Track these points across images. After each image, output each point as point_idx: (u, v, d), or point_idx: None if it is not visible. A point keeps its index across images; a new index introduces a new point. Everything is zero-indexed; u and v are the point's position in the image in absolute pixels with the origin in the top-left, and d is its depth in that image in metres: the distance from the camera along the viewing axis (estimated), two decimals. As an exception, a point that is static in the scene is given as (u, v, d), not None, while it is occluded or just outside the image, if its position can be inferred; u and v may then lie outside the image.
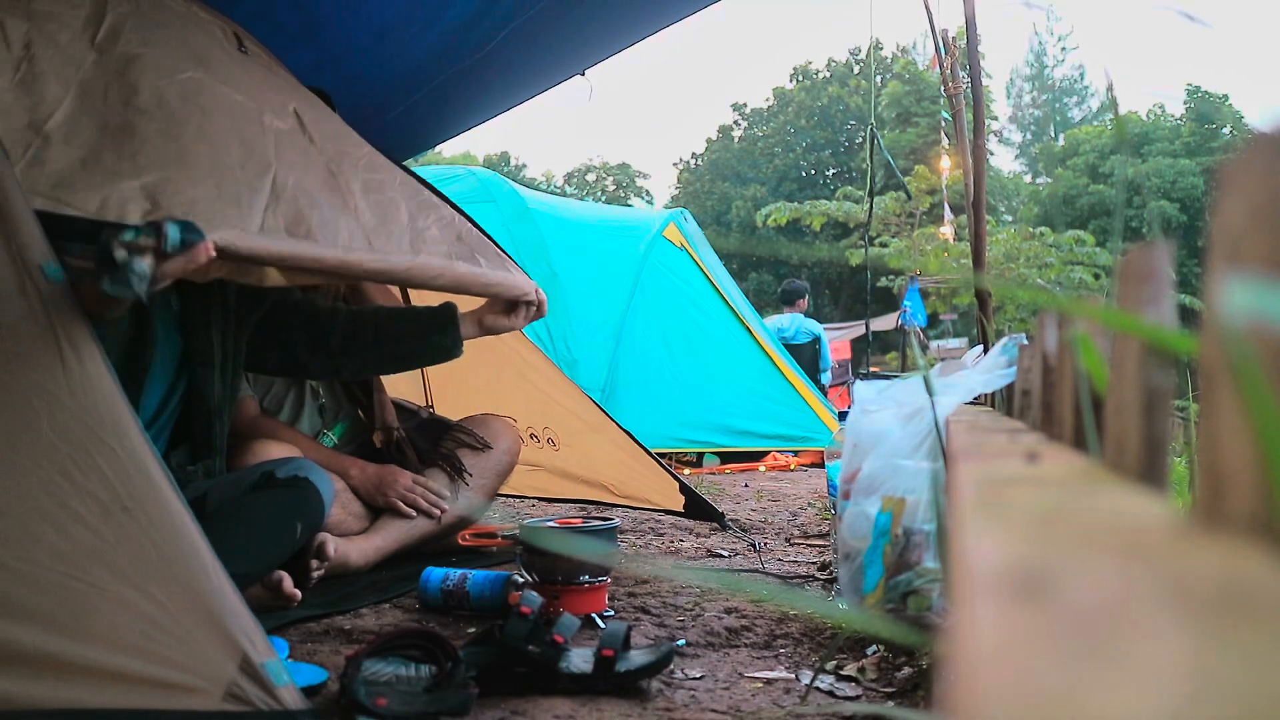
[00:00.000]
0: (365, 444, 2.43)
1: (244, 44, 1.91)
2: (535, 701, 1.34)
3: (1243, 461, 0.33)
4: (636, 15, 2.72)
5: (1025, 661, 0.22)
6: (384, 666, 1.34)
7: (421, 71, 2.76)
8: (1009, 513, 0.41)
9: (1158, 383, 0.54)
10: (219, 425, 1.82)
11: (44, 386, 1.17)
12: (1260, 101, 13.18)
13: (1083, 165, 22.69)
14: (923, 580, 1.46)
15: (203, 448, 1.80)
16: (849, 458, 1.66)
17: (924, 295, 10.10)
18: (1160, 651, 0.22)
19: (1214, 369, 0.35)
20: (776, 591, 2.01)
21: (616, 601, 1.95)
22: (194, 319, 1.79)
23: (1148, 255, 0.56)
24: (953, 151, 6.82)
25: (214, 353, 1.80)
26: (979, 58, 2.72)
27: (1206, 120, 22.66)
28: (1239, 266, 0.33)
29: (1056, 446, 0.79)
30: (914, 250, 14.06)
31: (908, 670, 1.46)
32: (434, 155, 18.02)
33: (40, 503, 1.12)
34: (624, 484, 2.97)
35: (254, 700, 1.08)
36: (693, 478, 4.35)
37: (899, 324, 8.57)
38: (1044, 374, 0.95)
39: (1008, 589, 0.27)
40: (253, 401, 2.23)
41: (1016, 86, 37.85)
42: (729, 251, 22.33)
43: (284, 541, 1.80)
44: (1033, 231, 14.46)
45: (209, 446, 1.81)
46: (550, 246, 5.11)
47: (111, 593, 1.11)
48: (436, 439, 2.46)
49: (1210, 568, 0.30)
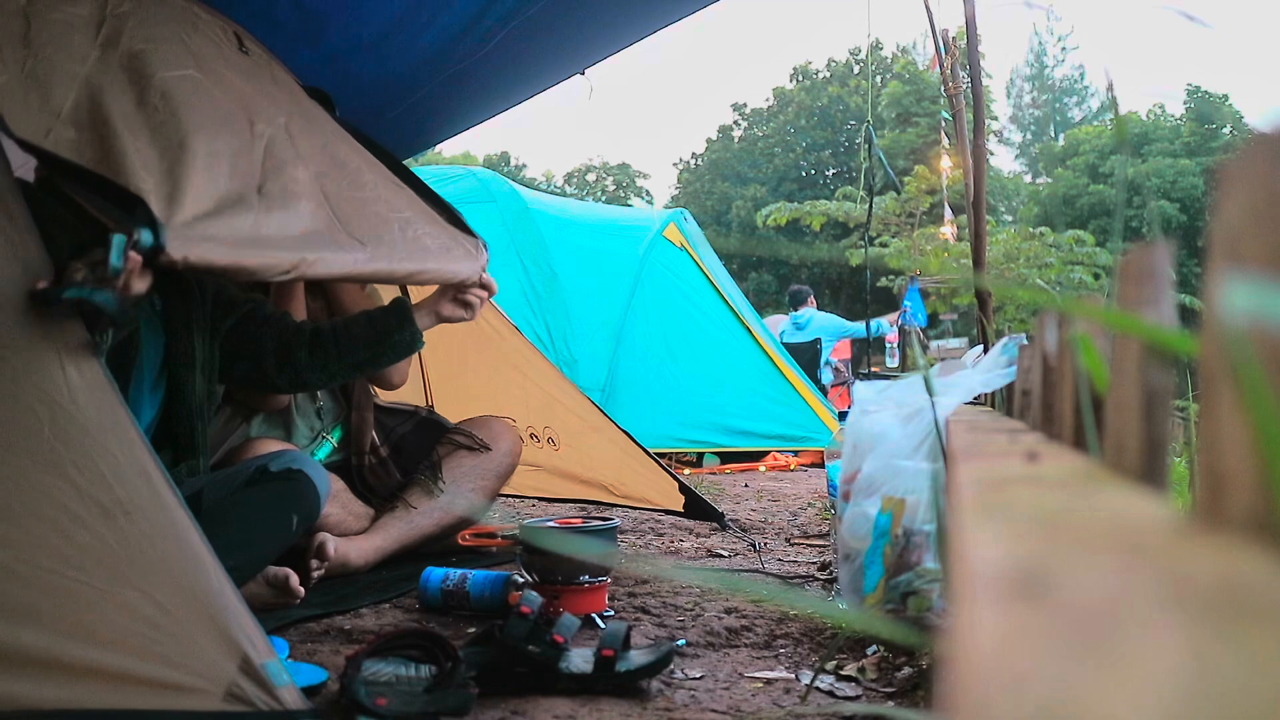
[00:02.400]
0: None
1: (244, 44, 1.91)
2: (535, 701, 1.34)
3: (1243, 461, 0.33)
4: (636, 15, 2.72)
5: (1025, 661, 0.22)
6: (384, 666, 1.34)
7: (421, 71, 2.76)
8: (1009, 513, 0.41)
9: (1158, 383, 0.54)
10: (201, 425, 1.82)
11: (44, 391, 1.17)
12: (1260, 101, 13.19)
13: (1083, 165, 22.69)
14: (923, 581, 1.46)
15: (186, 448, 1.80)
16: (849, 458, 1.66)
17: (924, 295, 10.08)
18: (1160, 651, 0.22)
19: (1214, 369, 0.35)
20: (776, 591, 2.01)
21: (616, 601, 1.95)
22: (175, 319, 1.80)
23: (1148, 255, 0.56)
24: (953, 151, 6.82)
25: (195, 353, 1.81)
26: (979, 58, 2.72)
27: (1206, 120, 22.65)
28: (1239, 266, 0.33)
29: (1056, 446, 0.79)
30: (914, 250, 14.06)
31: (908, 670, 1.46)
32: (434, 155, 18.02)
33: (41, 506, 1.13)
34: (624, 484, 2.97)
35: (254, 700, 1.08)
36: (693, 478, 4.35)
37: (899, 324, 8.56)
38: (1044, 374, 0.95)
39: (1008, 589, 0.27)
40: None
41: (1016, 86, 37.85)
42: (729, 251, 22.33)
43: (280, 535, 1.80)
44: (1033, 231, 14.45)
45: (192, 447, 1.81)
46: (550, 246, 5.11)
47: (112, 594, 1.11)
48: (434, 440, 2.46)
49: (1210, 568, 0.30)
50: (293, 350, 1.95)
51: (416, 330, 2.01)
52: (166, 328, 1.79)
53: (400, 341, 2.00)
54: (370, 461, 2.39)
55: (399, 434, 2.51)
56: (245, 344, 1.93)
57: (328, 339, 1.98)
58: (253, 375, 1.97)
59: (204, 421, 1.84)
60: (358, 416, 2.41)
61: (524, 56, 2.76)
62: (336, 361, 1.98)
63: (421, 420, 2.56)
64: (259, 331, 1.94)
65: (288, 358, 1.95)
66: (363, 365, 2.02)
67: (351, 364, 2.00)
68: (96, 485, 1.15)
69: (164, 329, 1.79)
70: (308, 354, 1.95)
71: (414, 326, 2.00)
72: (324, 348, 1.97)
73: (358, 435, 2.40)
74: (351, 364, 2.00)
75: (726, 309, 5.42)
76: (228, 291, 1.94)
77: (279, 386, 2.01)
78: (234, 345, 1.92)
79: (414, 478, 2.38)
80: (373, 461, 2.40)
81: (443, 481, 2.35)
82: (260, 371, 1.96)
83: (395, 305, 2.05)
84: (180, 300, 1.81)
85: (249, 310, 1.94)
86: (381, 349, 2.00)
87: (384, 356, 2.02)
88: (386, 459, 2.43)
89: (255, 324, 1.94)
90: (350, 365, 2.00)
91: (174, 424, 1.80)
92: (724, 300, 5.43)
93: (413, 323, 2.00)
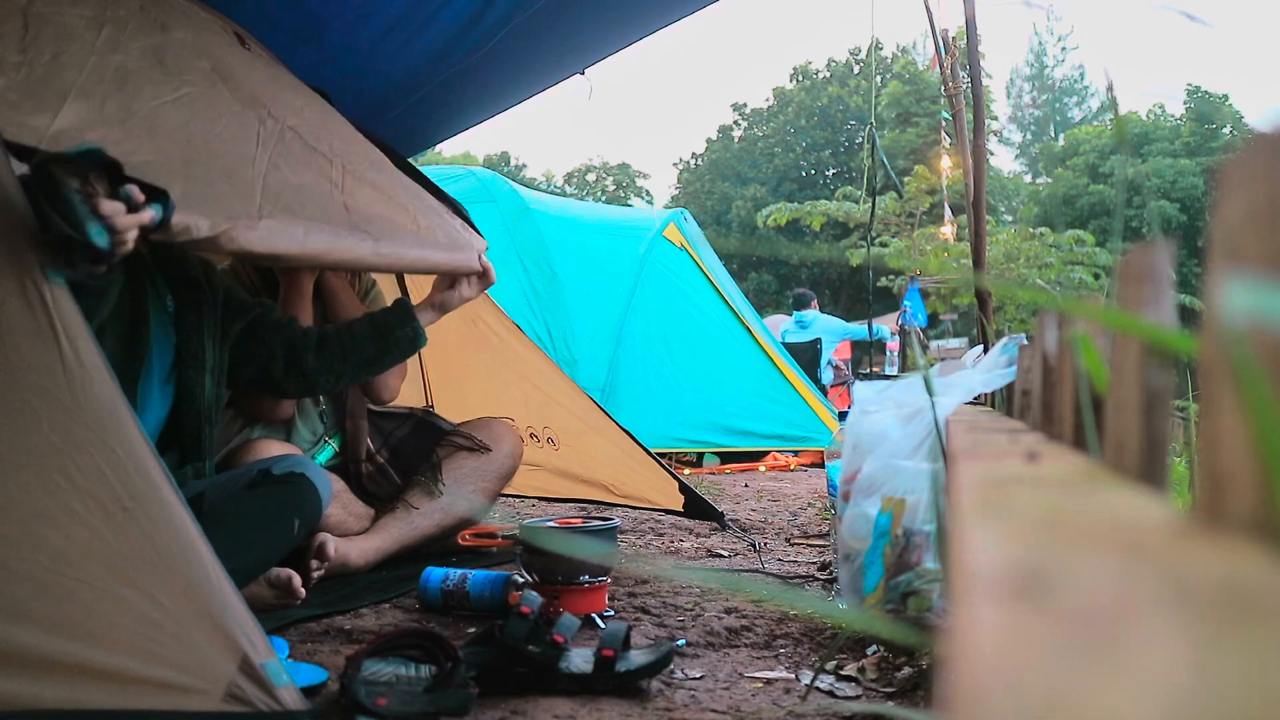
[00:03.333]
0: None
1: (245, 44, 1.91)
2: (535, 701, 1.34)
3: (1243, 461, 0.33)
4: (636, 15, 2.72)
5: (1025, 661, 0.22)
6: (384, 666, 1.34)
7: (421, 71, 2.76)
8: (1009, 513, 0.41)
9: (1158, 383, 0.54)
10: (208, 428, 1.83)
11: (44, 387, 1.17)
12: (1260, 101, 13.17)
13: (1083, 165, 22.68)
14: (923, 581, 1.46)
15: (192, 450, 1.80)
16: (849, 458, 1.66)
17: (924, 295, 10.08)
18: (1160, 651, 0.22)
19: (1214, 369, 0.35)
20: (776, 591, 2.01)
21: (616, 601, 1.95)
22: (187, 321, 1.80)
23: (1148, 255, 0.56)
24: (953, 151, 6.81)
25: (205, 356, 1.82)
26: (979, 58, 2.72)
27: (1206, 120, 22.64)
28: (1239, 266, 0.33)
29: (1056, 446, 0.79)
30: (914, 250, 14.05)
31: (908, 670, 1.46)
32: (434, 155, 18.01)
33: (40, 503, 1.12)
34: (624, 484, 2.96)
35: (254, 701, 1.08)
36: (693, 478, 4.35)
37: (899, 324, 8.56)
38: (1044, 374, 0.95)
39: (1008, 589, 0.27)
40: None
41: (1016, 86, 37.84)
42: (729, 251, 22.31)
43: (282, 538, 1.80)
44: (1033, 231, 14.43)
45: (198, 449, 1.81)
46: (550, 246, 5.11)
47: (111, 593, 1.11)
48: (432, 442, 2.46)
49: (1210, 568, 0.30)
50: (300, 354, 1.97)
51: (419, 326, 2.05)
52: (178, 329, 1.80)
53: (404, 338, 2.04)
54: (368, 469, 2.39)
55: (397, 437, 2.50)
56: (254, 348, 1.95)
57: (333, 341, 2.01)
58: (260, 379, 1.99)
59: (211, 425, 1.85)
60: (352, 424, 2.40)
61: (524, 56, 2.76)
62: (342, 363, 2.01)
63: (419, 421, 2.56)
64: (267, 336, 1.96)
65: (295, 362, 1.97)
66: (368, 365, 2.05)
67: (357, 364, 2.03)
68: (96, 482, 1.14)
69: (176, 330, 1.80)
70: (314, 357, 1.98)
71: (416, 323, 2.05)
72: (329, 350, 2.00)
73: (352, 443, 2.40)
74: (357, 364, 2.03)
75: (726, 309, 5.41)
76: (237, 295, 1.95)
77: (286, 390, 2.03)
78: (243, 349, 1.94)
79: (414, 479, 2.38)
80: (370, 469, 2.39)
81: (443, 483, 2.35)
82: (268, 376, 1.98)
83: (396, 304, 2.10)
84: (193, 303, 1.82)
85: (258, 315, 1.96)
86: (385, 347, 2.03)
87: (388, 354, 2.05)
88: (385, 465, 2.42)
89: (264, 328, 1.96)
90: (356, 366, 2.03)
91: (182, 426, 1.80)
92: (724, 300, 5.42)
93: (415, 319, 2.05)
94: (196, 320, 1.82)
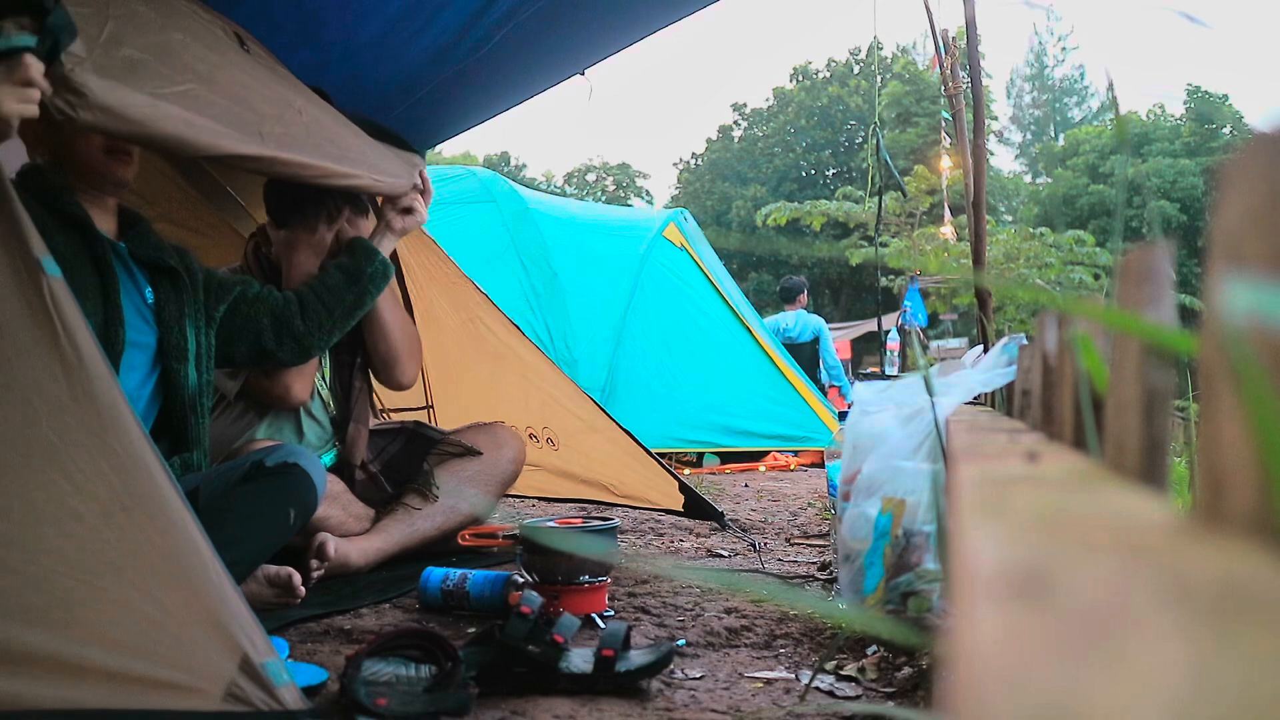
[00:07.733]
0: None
1: (245, 44, 1.91)
2: (535, 701, 1.34)
3: (1243, 461, 0.33)
4: (636, 15, 2.72)
5: (1025, 661, 0.22)
6: (384, 666, 1.34)
7: (421, 71, 2.76)
8: (1009, 513, 0.41)
9: (1158, 383, 0.54)
10: (195, 418, 1.83)
11: (43, 386, 1.17)
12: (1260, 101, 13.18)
13: (1083, 165, 22.68)
14: (923, 581, 1.46)
15: (180, 442, 1.81)
16: (849, 459, 1.66)
17: (924, 295, 10.10)
18: (1160, 651, 0.22)
19: (1214, 369, 0.35)
20: (776, 591, 2.01)
21: (616, 601, 1.95)
22: (168, 312, 1.81)
23: (1148, 255, 0.56)
24: (953, 151, 6.82)
25: (188, 345, 1.82)
26: (979, 58, 2.72)
27: (1206, 120, 22.64)
28: (1239, 266, 0.33)
29: (1056, 446, 0.79)
30: (914, 250, 14.05)
31: (908, 670, 1.46)
32: (434, 155, 17.96)
33: (40, 503, 1.12)
34: (624, 484, 2.96)
35: (254, 700, 1.08)
36: (693, 478, 4.35)
37: (899, 324, 8.56)
38: (1044, 374, 0.95)
39: (1008, 589, 0.27)
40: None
41: (1016, 86, 37.85)
42: (729, 251, 22.30)
43: (278, 530, 1.80)
44: (1033, 231, 14.44)
45: (187, 440, 1.81)
46: (550, 246, 5.11)
47: (111, 593, 1.11)
48: (423, 454, 2.45)
49: (1210, 568, 0.30)
50: (288, 321, 2.02)
51: (383, 256, 2.16)
52: (160, 322, 1.80)
53: (375, 273, 2.13)
54: (360, 478, 2.39)
55: (390, 452, 2.50)
56: (242, 326, 1.98)
57: (312, 299, 2.06)
58: (254, 353, 2.02)
59: (198, 415, 1.85)
60: (354, 429, 2.40)
61: (524, 56, 2.76)
62: (328, 316, 2.07)
63: (410, 435, 2.55)
64: (253, 310, 1.99)
65: (286, 329, 2.01)
66: (352, 310, 2.12)
67: (342, 313, 2.09)
68: (95, 481, 1.14)
69: (157, 324, 1.80)
70: (302, 320, 2.03)
71: (378, 254, 2.15)
72: (313, 309, 2.05)
73: (351, 447, 2.39)
74: (342, 313, 2.09)
75: (726, 309, 5.41)
76: (216, 276, 1.97)
77: (283, 359, 2.05)
78: (231, 329, 1.97)
79: (409, 486, 2.38)
80: (363, 478, 2.39)
81: (437, 487, 2.35)
82: (261, 349, 2.01)
83: (354, 243, 2.18)
84: (172, 291, 1.83)
85: (240, 293, 1.99)
86: (361, 286, 2.11)
87: (368, 293, 2.13)
88: (377, 474, 2.42)
89: (248, 304, 1.99)
90: (342, 315, 2.09)
91: (169, 418, 1.80)
92: (724, 300, 5.43)
93: (376, 251, 2.15)
94: (178, 309, 1.82)
